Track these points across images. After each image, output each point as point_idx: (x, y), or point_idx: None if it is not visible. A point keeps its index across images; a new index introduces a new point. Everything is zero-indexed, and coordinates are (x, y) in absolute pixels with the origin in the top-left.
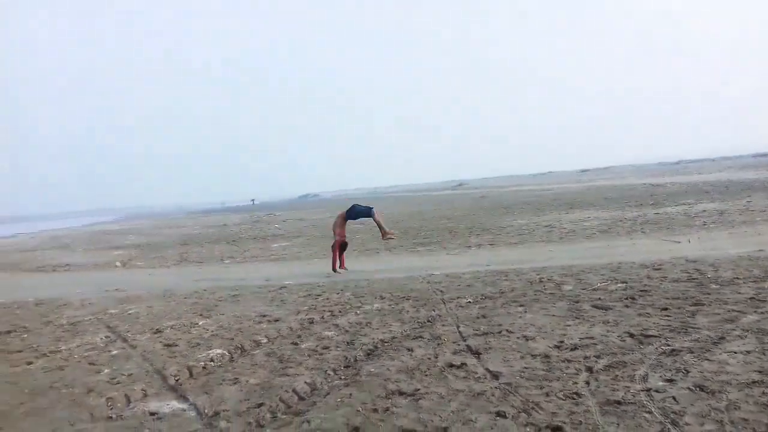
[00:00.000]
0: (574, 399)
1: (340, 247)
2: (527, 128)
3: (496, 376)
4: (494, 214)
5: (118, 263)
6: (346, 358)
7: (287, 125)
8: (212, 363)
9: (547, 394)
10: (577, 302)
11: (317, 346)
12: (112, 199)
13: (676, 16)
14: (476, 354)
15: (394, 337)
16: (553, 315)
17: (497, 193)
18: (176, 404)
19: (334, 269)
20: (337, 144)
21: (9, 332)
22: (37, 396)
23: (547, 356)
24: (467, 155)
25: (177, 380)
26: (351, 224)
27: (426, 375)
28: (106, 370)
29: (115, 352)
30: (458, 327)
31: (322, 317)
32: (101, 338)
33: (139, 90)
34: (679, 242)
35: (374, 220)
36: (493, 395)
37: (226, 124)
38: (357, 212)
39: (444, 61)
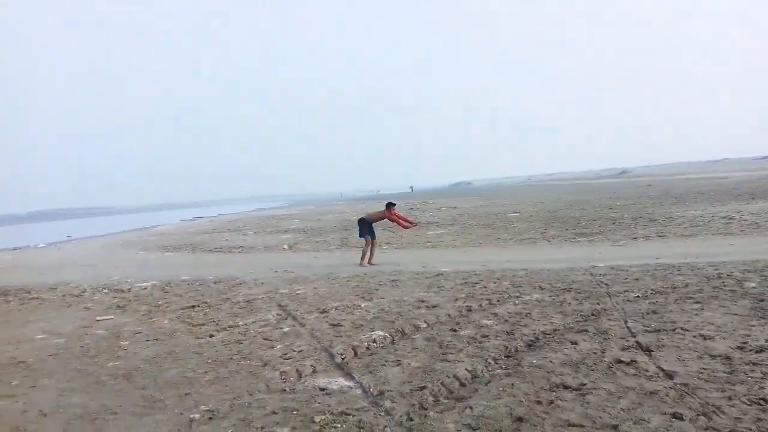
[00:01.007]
0: (761, 405)
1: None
2: (698, 113)
3: (670, 375)
4: (662, 203)
5: (285, 246)
6: (507, 348)
7: (441, 114)
8: (375, 344)
9: (730, 398)
10: (763, 300)
11: (476, 334)
12: (278, 186)
13: None
14: (647, 351)
15: (556, 330)
16: (735, 314)
17: (664, 182)
18: (343, 381)
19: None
20: (490, 130)
21: (193, 307)
22: (218, 366)
23: (728, 358)
24: (630, 142)
25: (343, 358)
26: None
27: (592, 370)
28: (278, 346)
29: (286, 329)
30: (626, 322)
31: (480, 305)
32: (273, 316)
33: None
34: None
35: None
36: (667, 395)
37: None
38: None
39: (622, 42)
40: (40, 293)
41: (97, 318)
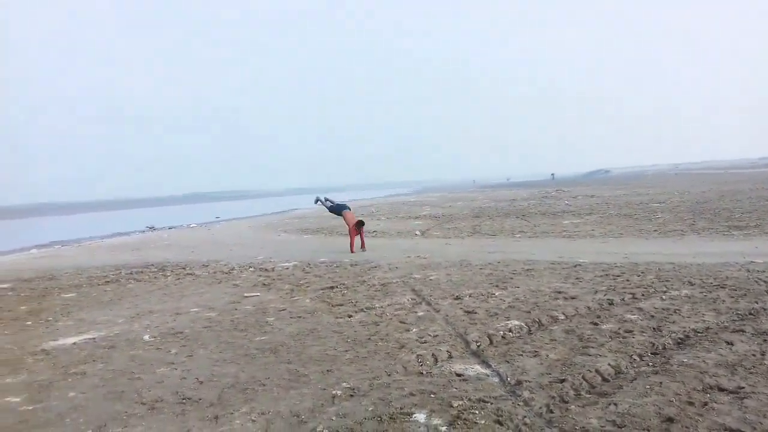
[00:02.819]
0: None
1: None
2: None
3: None
4: None
5: (417, 232)
6: (653, 345)
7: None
8: (511, 333)
9: None
10: None
11: (619, 328)
12: (408, 172)
13: None
14: None
15: (708, 328)
16: None
17: None
18: (479, 369)
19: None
20: (628, 116)
21: (332, 288)
22: (357, 345)
23: None
24: None
25: (478, 346)
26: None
27: (751, 373)
28: (414, 329)
29: (420, 313)
30: None
31: (623, 299)
32: (408, 300)
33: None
34: None
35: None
36: None
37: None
38: (336, 208)
39: None
40: (193, 270)
41: (245, 294)
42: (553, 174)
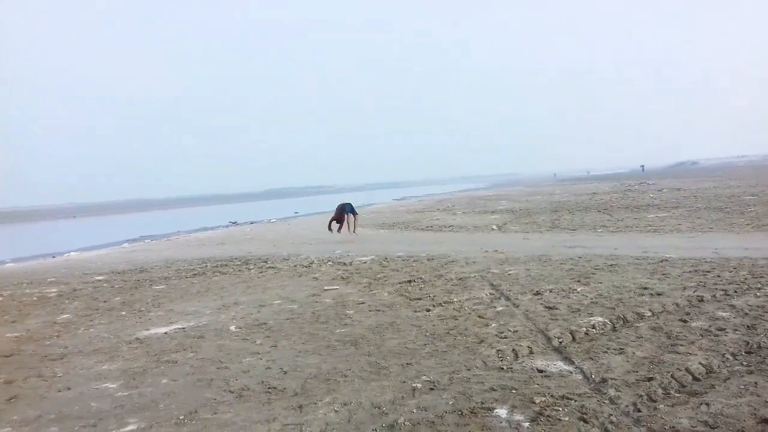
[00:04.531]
0: None
1: (338, 221)
2: None
3: None
4: None
5: (494, 227)
6: (748, 344)
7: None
8: (594, 330)
9: None
10: None
11: (710, 326)
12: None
13: None
14: None
15: None
16: None
17: None
18: (562, 365)
19: (329, 229)
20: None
21: (409, 282)
22: (436, 339)
23: None
24: None
25: (560, 342)
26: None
27: None
28: (493, 324)
29: (499, 308)
30: None
31: (714, 296)
32: (486, 294)
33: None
34: None
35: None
36: None
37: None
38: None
39: None
40: (275, 263)
41: (325, 288)
42: (642, 166)
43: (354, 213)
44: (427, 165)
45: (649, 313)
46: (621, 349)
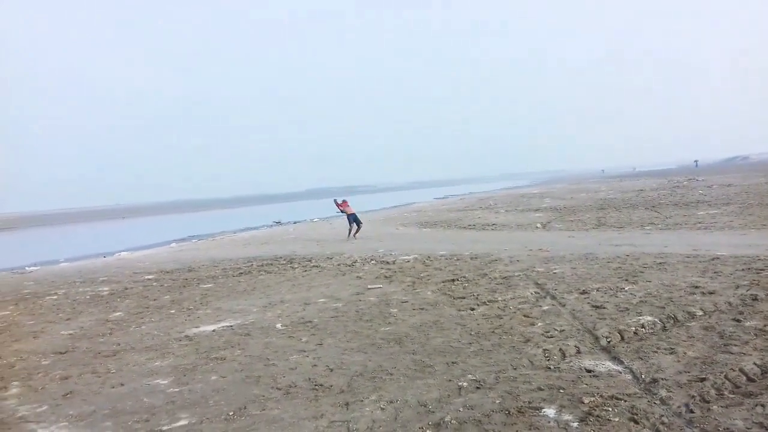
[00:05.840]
0: None
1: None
2: None
3: None
4: None
5: (538, 225)
6: None
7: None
8: (643, 329)
9: None
10: None
11: (765, 325)
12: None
13: None
14: None
15: None
16: None
17: None
18: (610, 365)
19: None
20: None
21: (453, 280)
22: (481, 338)
23: None
24: None
25: (609, 342)
26: None
27: None
28: (539, 323)
29: (545, 307)
30: None
31: None
32: (531, 293)
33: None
34: None
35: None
36: None
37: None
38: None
39: None
40: (319, 262)
41: (368, 286)
42: (696, 161)
43: (359, 223)
44: (467, 162)
45: (701, 313)
46: (672, 349)
